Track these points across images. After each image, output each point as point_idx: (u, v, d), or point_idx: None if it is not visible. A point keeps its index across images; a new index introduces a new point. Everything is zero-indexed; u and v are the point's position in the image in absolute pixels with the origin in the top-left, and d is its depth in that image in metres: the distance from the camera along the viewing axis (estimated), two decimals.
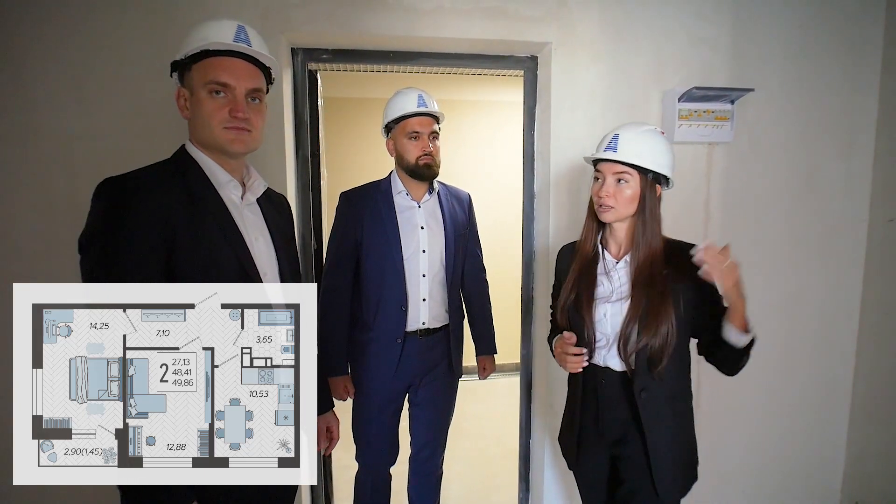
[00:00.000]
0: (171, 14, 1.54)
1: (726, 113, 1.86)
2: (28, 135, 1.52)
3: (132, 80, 1.53)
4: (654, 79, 1.85)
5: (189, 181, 0.96)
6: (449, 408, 1.82)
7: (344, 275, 1.68)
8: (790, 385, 2.07)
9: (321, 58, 1.79)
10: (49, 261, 1.51)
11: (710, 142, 1.90)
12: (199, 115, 0.97)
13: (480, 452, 2.85)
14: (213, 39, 0.96)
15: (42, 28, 1.49)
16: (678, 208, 1.91)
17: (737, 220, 1.96)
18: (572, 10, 1.77)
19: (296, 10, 1.62)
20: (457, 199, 1.82)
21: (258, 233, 1.05)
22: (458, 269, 1.75)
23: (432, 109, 1.64)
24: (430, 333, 1.69)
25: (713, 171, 1.94)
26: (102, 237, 0.88)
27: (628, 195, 1.16)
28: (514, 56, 1.89)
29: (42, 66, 1.50)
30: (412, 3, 1.69)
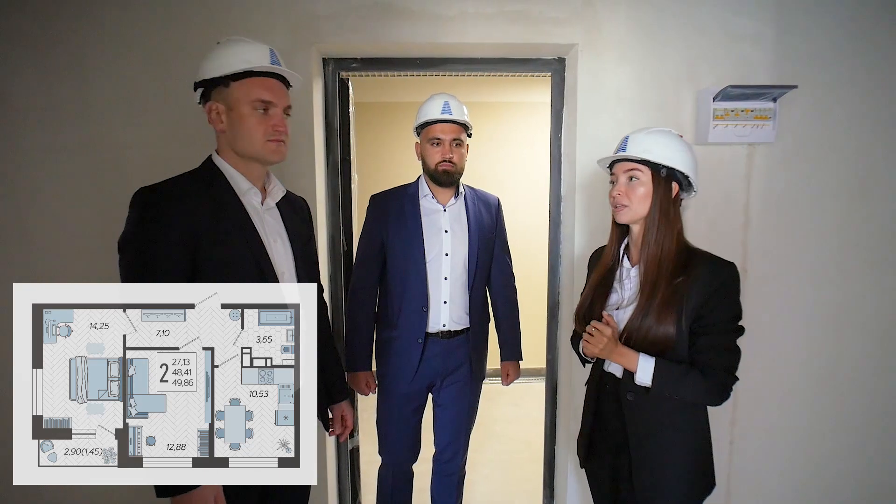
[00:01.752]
0: (209, 32, 1.64)
1: (767, 112, 1.75)
2: (87, 145, 1.68)
3: (176, 94, 1.65)
4: (686, 78, 1.78)
5: (213, 190, 1.04)
6: (471, 410, 1.83)
7: (369, 274, 1.73)
8: (839, 404, 1.92)
9: (351, 66, 1.86)
10: (110, 262, 1.66)
11: (749, 142, 1.80)
12: (243, 128, 1.05)
13: (509, 456, 2.84)
14: (255, 62, 1.05)
15: (101, 48, 1.65)
16: (715, 212, 1.83)
17: (780, 225, 1.85)
18: (598, 10, 1.74)
19: (324, 23, 1.69)
20: (484, 203, 1.82)
21: (277, 235, 1.12)
22: (482, 274, 1.76)
23: (456, 117, 1.65)
24: (452, 336, 1.72)
25: (754, 173, 1.84)
26: (136, 241, 0.97)
27: (641, 193, 1.13)
28: (540, 58, 1.88)
29: (99, 82, 1.65)
30: (436, 10, 1.72)
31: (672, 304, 1.08)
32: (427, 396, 1.80)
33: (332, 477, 2.00)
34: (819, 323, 1.88)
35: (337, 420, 1.38)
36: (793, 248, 1.86)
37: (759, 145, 1.81)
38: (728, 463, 1.94)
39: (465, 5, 1.72)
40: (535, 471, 2.52)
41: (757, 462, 1.94)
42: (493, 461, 2.79)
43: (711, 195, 1.82)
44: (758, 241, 1.85)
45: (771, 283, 1.86)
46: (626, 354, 1.11)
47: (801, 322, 1.89)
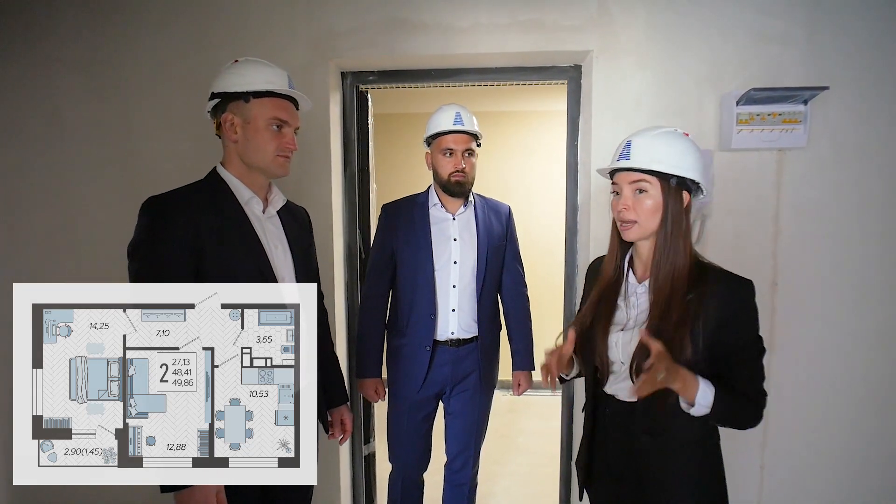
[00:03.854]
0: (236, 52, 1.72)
1: (797, 115, 1.66)
2: (127, 158, 1.82)
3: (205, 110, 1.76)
4: (709, 83, 1.71)
5: (217, 198, 1.11)
6: (481, 420, 1.82)
7: (380, 282, 1.77)
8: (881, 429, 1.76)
9: (368, 79, 1.92)
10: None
11: (778, 148, 1.71)
12: (257, 141, 1.12)
13: (531, 469, 2.78)
14: (277, 84, 1.14)
15: (139, 70, 1.79)
16: (741, 222, 1.75)
17: (814, 236, 1.73)
18: (615, 16, 1.71)
19: (341, 39, 1.76)
20: (494, 211, 1.82)
21: (277, 241, 1.18)
22: (492, 282, 1.75)
23: (467, 127, 1.66)
24: (461, 344, 1.72)
25: (784, 180, 1.74)
26: (144, 246, 1.04)
27: (650, 206, 1.02)
28: (556, 66, 1.87)
29: (137, 101, 1.79)
30: (450, 22, 1.74)
31: (686, 325, 0.98)
32: (437, 404, 1.80)
33: (346, 482, 2.03)
34: (861, 341, 1.74)
35: (336, 424, 1.42)
36: (829, 259, 1.73)
37: (789, 151, 1.71)
38: (758, 489, 1.82)
39: (479, 16, 1.74)
40: (557, 487, 2.46)
41: (789, 488, 1.81)
42: (514, 474, 2.74)
43: (737, 203, 1.74)
44: (789, 252, 1.74)
45: (805, 298, 1.74)
46: (688, 379, 0.95)
47: (839, 340, 1.75)
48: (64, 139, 1.81)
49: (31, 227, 1.84)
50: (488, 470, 2.76)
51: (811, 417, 1.77)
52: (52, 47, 1.78)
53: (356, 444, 2.07)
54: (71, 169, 1.82)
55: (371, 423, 2.14)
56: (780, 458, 1.80)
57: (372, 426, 2.15)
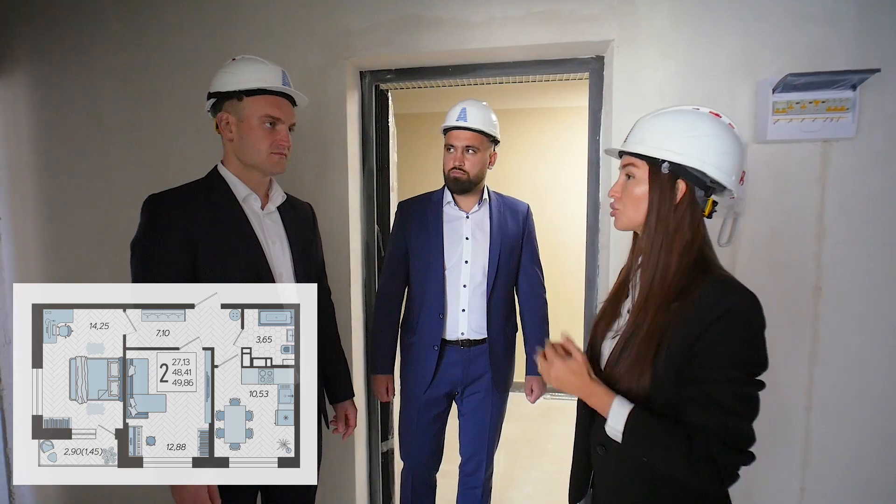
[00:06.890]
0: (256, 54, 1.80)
1: (845, 102, 1.50)
2: (160, 160, 1.92)
3: None
4: (742, 70, 1.58)
5: (214, 195, 1.14)
6: (494, 423, 1.78)
7: (394, 280, 1.77)
8: None
9: (386, 78, 1.93)
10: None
11: (822, 139, 1.55)
12: (250, 140, 1.15)
13: (557, 476, 2.68)
14: (269, 81, 1.15)
15: (171, 76, 1.88)
16: (779, 220, 1.60)
17: (864, 237, 1.56)
18: (637, 4, 1.62)
19: (357, 38, 1.77)
20: (511, 210, 1.77)
21: (276, 237, 1.19)
22: (504, 283, 1.71)
23: (470, 124, 1.62)
24: (472, 344, 1.68)
25: (829, 175, 1.58)
26: (143, 243, 1.08)
27: (636, 194, 0.90)
28: (577, 58, 1.80)
29: (170, 105, 1.89)
30: (464, 16, 1.72)
31: (653, 339, 0.83)
32: (449, 405, 1.78)
33: (363, 479, 2.04)
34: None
35: (340, 418, 1.43)
36: (881, 262, 1.56)
37: (835, 142, 1.55)
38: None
39: (493, 10, 1.71)
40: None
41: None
42: (539, 480, 2.66)
43: (774, 200, 1.60)
44: (835, 254, 1.58)
45: (853, 305, 1.58)
46: (597, 394, 0.86)
47: (890, 351, 1.57)
48: (105, 143, 1.94)
49: (80, 225, 1.99)
50: (512, 475, 2.71)
51: (859, 437, 1.60)
52: (96, 57, 1.91)
53: (373, 440, 2.08)
54: (110, 171, 1.95)
55: (389, 420, 2.15)
56: (822, 481, 1.63)
57: (390, 423, 2.16)
